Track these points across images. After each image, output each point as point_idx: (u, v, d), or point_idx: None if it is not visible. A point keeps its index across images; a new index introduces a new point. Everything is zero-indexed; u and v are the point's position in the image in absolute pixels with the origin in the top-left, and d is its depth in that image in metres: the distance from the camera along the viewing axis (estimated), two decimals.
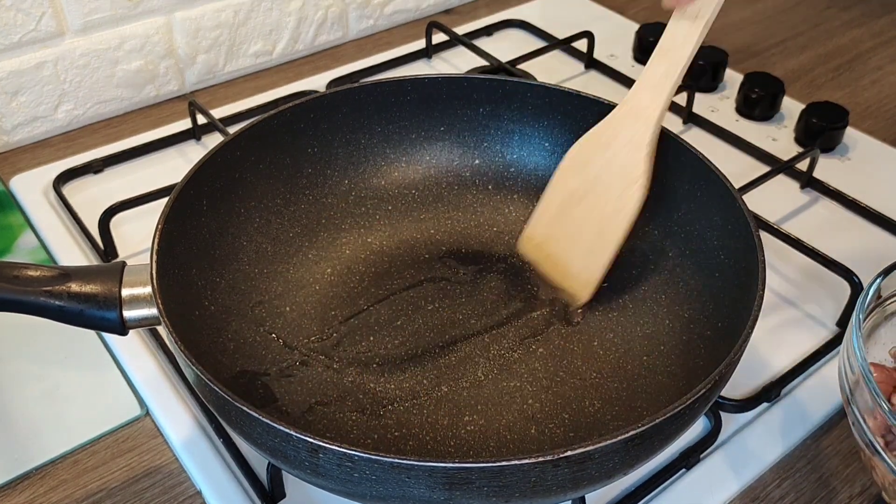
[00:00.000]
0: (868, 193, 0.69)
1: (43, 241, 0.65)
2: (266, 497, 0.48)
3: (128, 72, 0.78)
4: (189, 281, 0.50)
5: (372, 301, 0.56)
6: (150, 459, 0.51)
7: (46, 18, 0.72)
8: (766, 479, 0.50)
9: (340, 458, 0.36)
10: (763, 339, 0.57)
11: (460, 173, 0.62)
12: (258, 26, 0.84)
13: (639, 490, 0.49)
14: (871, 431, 0.44)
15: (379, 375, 0.51)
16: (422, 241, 0.60)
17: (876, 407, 0.43)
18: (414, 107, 0.61)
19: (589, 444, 0.36)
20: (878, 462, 0.44)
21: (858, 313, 0.47)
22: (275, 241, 0.57)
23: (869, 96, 0.83)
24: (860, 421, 0.44)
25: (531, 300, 0.56)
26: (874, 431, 0.44)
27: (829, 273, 0.60)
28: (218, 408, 0.41)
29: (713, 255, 0.52)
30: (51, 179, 0.70)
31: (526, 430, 0.48)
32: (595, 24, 0.88)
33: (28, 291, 0.43)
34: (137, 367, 0.56)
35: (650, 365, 0.51)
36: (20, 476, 0.50)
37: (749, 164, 0.73)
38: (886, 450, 0.43)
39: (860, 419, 0.44)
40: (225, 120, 0.74)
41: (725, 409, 0.52)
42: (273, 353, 0.52)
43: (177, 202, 0.49)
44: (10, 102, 0.73)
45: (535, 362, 0.52)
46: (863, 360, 0.44)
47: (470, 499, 0.37)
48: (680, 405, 0.38)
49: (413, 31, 0.92)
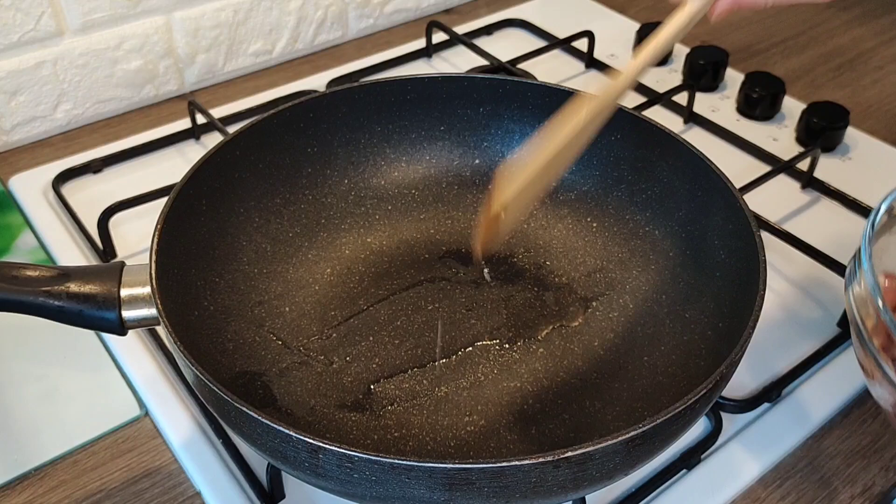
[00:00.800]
0: (869, 193, 0.69)
1: (42, 240, 0.65)
2: (266, 497, 0.48)
3: (127, 71, 0.78)
4: (188, 281, 0.49)
5: (372, 301, 0.56)
6: (150, 460, 0.51)
7: (46, 18, 0.72)
8: (767, 479, 0.50)
9: (340, 458, 0.36)
10: (764, 340, 0.57)
11: (460, 173, 0.62)
12: (258, 26, 0.83)
13: (639, 491, 0.49)
14: (876, 348, 0.43)
15: (379, 375, 0.51)
16: (422, 241, 0.60)
17: (882, 322, 0.42)
18: (414, 106, 0.61)
19: (589, 445, 0.36)
20: (884, 380, 0.43)
21: (868, 230, 0.46)
22: (274, 241, 0.57)
23: (870, 96, 0.83)
24: (867, 341, 0.44)
25: (531, 300, 0.56)
26: (880, 348, 0.43)
27: (829, 273, 0.60)
28: (217, 408, 0.41)
29: (714, 255, 0.52)
30: (50, 179, 0.70)
31: (526, 431, 0.48)
32: (595, 23, 0.87)
33: (27, 291, 0.43)
34: (137, 367, 0.55)
35: (651, 365, 0.51)
36: (19, 476, 0.50)
37: (750, 164, 0.73)
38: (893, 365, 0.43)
39: (865, 336, 0.44)
40: (224, 120, 0.74)
41: (726, 410, 0.52)
42: (273, 354, 0.52)
43: (176, 202, 0.49)
44: (9, 102, 0.73)
45: (535, 362, 0.52)
46: (872, 277, 0.43)
47: (470, 499, 0.37)
48: (681, 406, 0.38)
49: (413, 31, 0.92)
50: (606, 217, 0.59)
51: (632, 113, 0.57)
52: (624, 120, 0.57)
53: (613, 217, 0.59)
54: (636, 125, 0.56)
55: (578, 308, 0.55)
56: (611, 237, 0.58)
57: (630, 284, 0.56)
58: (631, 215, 0.58)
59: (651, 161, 0.57)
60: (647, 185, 0.57)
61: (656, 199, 0.57)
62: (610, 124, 0.58)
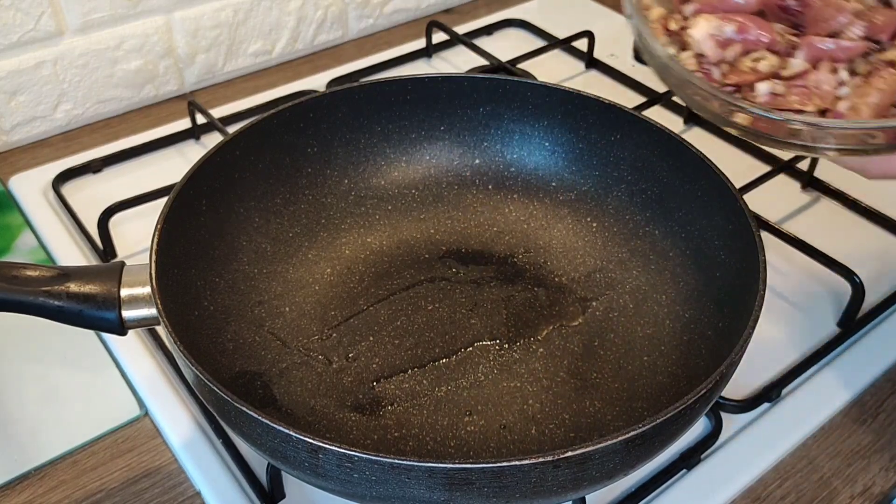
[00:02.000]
0: (869, 193, 0.68)
1: (42, 240, 0.65)
2: (266, 497, 0.48)
3: (127, 71, 0.78)
4: (188, 281, 0.49)
5: (372, 301, 0.56)
6: (150, 460, 0.51)
7: (45, 18, 0.72)
8: (767, 479, 0.50)
9: (340, 458, 0.36)
10: (764, 340, 0.57)
11: (460, 173, 0.62)
12: (257, 26, 0.83)
13: (639, 491, 0.49)
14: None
15: (379, 375, 0.51)
16: (422, 241, 0.60)
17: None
18: (414, 106, 0.61)
19: (589, 445, 0.36)
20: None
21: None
22: (274, 241, 0.57)
23: None
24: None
25: (531, 300, 0.56)
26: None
27: (829, 273, 0.60)
28: (217, 408, 0.41)
29: (714, 255, 0.52)
30: (50, 179, 0.70)
31: (526, 431, 0.48)
32: (595, 23, 0.87)
33: (27, 291, 0.43)
34: (137, 367, 0.55)
35: (651, 365, 0.51)
36: (19, 476, 0.50)
37: (750, 164, 0.73)
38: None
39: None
40: (224, 120, 0.74)
41: (726, 410, 0.52)
42: (273, 354, 0.52)
43: (176, 202, 0.49)
44: (9, 102, 0.73)
45: (535, 362, 0.52)
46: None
47: (470, 499, 0.37)
48: (680, 405, 0.38)
49: (413, 31, 0.92)
50: (606, 217, 0.59)
51: (632, 113, 0.57)
52: (624, 120, 0.57)
53: (613, 217, 0.59)
54: (636, 125, 0.56)
55: (578, 308, 0.55)
56: (611, 237, 0.58)
57: (630, 284, 0.56)
58: (631, 215, 0.58)
59: (651, 161, 0.57)
60: (647, 185, 0.57)
61: (656, 199, 0.57)
62: (610, 124, 0.58)
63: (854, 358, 0.56)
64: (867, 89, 0.42)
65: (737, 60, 0.44)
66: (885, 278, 0.62)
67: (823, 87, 0.43)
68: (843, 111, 0.42)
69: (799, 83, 0.43)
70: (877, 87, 0.42)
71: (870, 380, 0.55)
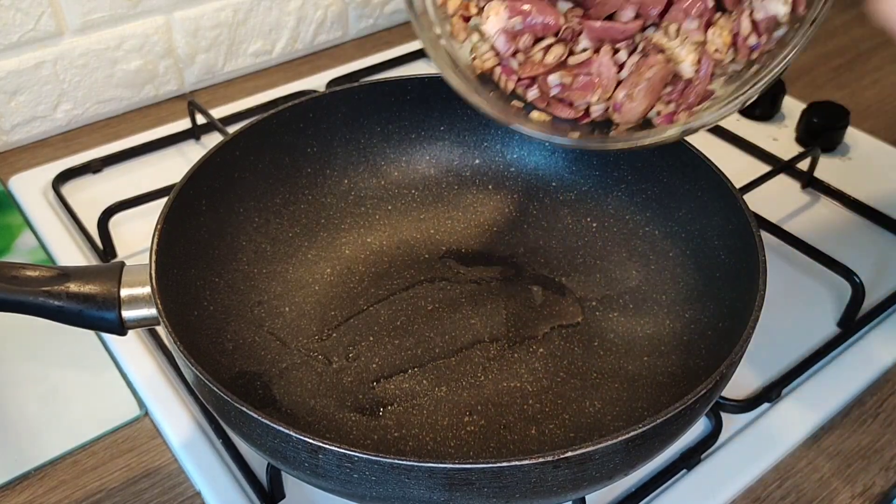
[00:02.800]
0: (869, 193, 0.68)
1: (42, 240, 0.65)
2: (265, 497, 0.48)
3: (127, 72, 0.78)
4: (188, 281, 0.49)
5: (372, 301, 0.56)
6: (150, 460, 0.51)
7: (45, 18, 0.72)
8: (767, 479, 0.50)
9: (340, 458, 0.36)
10: (764, 339, 0.57)
11: (460, 173, 0.62)
12: (257, 26, 0.83)
13: (639, 491, 0.49)
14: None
15: (379, 375, 0.51)
16: (422, 241, 0.60)
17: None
18: (414, 106, 0.61)
19: (589, 445, 0.36)
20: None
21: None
22: (274, 241, 0.57)
23: (870, 96, 0.83)
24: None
25: (531, 300, 0.56)
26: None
27: (829, 273, 0.60)
28: (217, 408, 0.41)
29: (714, 255, 0.52)
30: (50, 179, 0.70)
31: (526, 431, 0.48)
32: None
33: (27, 291, 0.43)
34: (136, 367, 0.55)
35: (651, 365, 0.51)
36: (19, 476, 0.50)
37: (750, 164, 0.73)
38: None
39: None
40: (224, 120, 0.74)
41: (726, 410, 0.52)
42: (273, 354, 0.52)
43: (176, 202, 0.49)
44: (9, 102, 0.73)
45: (535, 362, 0.52)
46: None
47: (470, 499, 0.37)
48: (680, 406, 0.38)
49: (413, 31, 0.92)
50: (606, 217, 0.59)
51: None
52: None
53: (613, 217, 0.59)
54: None
55: (578, 308, 0.55)
56: (611, 237, 0.58)
57: (630, 284, 0.56)
58: (631, 215, 0.58)
59: (651, 161, 0.57)
60: (647, 185, 0.57)
61: (656, 199, 0.57)
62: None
63: (854, 358, 0.56)
64: (638, 79, 0.44)
65: (528, 50, 0.45)
66: (885, 278, 0.62)
67: (604, 74, 0.44)
68: (621, 100, 0.44)
69: (584, 71, 0.45)
70: (644, 76, 0.44)
71: (870, 380, 0.55)
